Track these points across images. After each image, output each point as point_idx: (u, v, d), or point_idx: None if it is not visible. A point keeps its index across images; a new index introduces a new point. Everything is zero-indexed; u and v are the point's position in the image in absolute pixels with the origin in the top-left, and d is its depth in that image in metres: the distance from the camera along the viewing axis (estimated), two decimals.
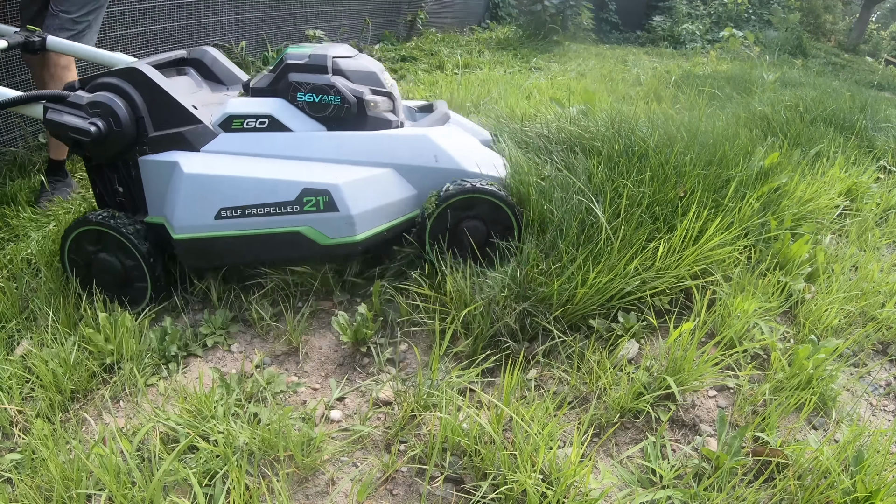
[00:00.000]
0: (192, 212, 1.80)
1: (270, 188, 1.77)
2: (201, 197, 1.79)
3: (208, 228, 1.81)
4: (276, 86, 1.93)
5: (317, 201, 1.78)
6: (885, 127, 4.20)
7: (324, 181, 1.77)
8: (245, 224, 1.80)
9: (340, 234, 1.81)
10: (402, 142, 1.94)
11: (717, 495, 1.29)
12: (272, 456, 1.37)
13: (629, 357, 1.73)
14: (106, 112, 1.79)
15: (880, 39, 12.82)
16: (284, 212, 1.79)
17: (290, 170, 1.81)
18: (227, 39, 4.52)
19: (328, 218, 1.79)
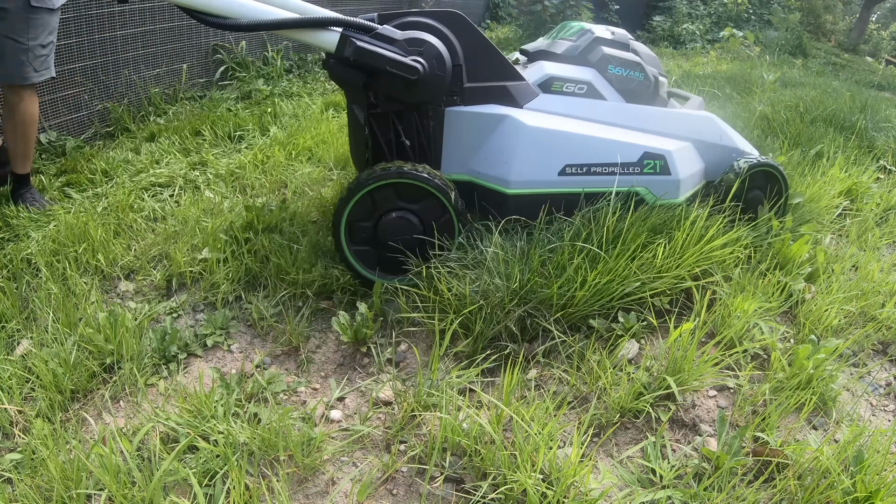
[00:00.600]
0: (532, 167, 1.87)
1: (614, 149, 1.93)
2: (545, 153, 1.87)
3: (550, 185, 1.89)
4: (587, 56, 2.09)
5: (654, 165, 1.97)
6: (885, 127, 4.20)
7: (660, 147, 1.98)
8: (588, 182, 1.92)
9: (667, 196, 2.02)
10: (697, 120, 2.21)
11: (717, 495, 1.29)
12: (272, 456, 1.36)
13: (629, 357, 1.73)
14: (430, 53, 1.75)
15: (880, 39, 12.82)
16: (626, 172, 1.95)
17: (625, 134, 1.99)
18: (227, 39, 4.52)
19: (661, 180, 2.00)
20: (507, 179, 1.85)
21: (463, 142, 1.90)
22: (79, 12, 3.21)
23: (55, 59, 3.27)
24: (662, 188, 2.01)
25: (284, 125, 3.60)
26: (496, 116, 1.87)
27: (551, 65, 2.04)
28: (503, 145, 1.85)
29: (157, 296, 2.00)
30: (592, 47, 2.08)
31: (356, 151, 2.18)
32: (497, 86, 1.89)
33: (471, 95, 1.88)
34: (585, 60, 2.08)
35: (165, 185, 2.74)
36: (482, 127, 1.87)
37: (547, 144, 1.87)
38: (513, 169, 1.84)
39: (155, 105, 3.80)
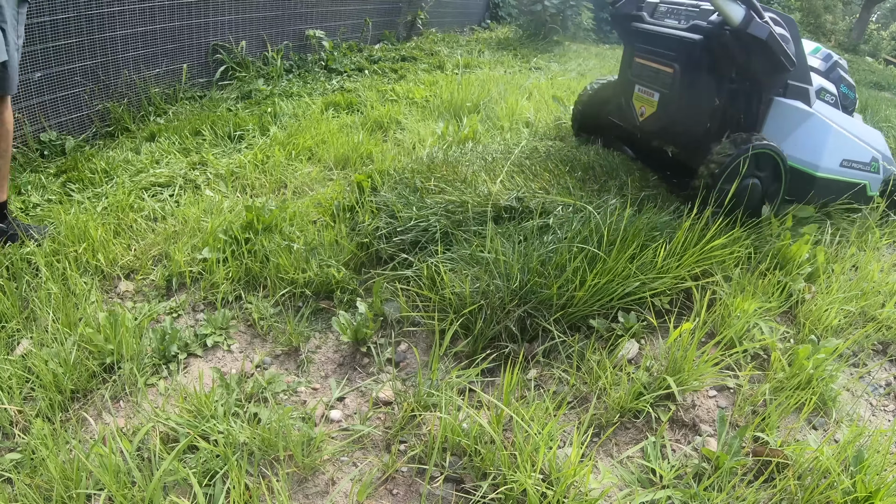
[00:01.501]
0: (830, 158, 2.43)
1: (862, 151, 2.53)
2: (837, 148, 2.44)
3: (834, 172, 2.47)
4: (830, 74, 2.60)
5: (875, 166, 2.59)
6: (884, 127, 4.20)
7: (875, 152, 2.60)
8: (849, 174, 2.51)
9: (875, 190, 2.67)
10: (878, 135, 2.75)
11: (717, 495, 1.29)
12: (272, 456, 1.36)
13: (629, 357, 1.73)
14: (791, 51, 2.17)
15: (880, 39, 12.81)
16: (865, 169, 2.56)
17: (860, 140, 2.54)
18: (227, 39, 4.52)
19: (875, 178, 2.63)
20: (818, 165, 2.40)
21: (779, 126, 2.40)
22: (79, 12, 3.21)
23: (56, 59, 3.27)
24: (875, 184, 2.64)
25: (284, 125, 3.60)
26: (808, 113, 2.39)
27: (821, 79, 2.54)
28: (812, 136, 2.39)
29: (157, 296, 2.00)
30: (834, 67, 2.62)
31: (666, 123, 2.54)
32: (803, 88, 2.40)
33: (790, 91, 2.39)
34: (830, 77, 2.60)
35: (165, 185, 2.74)
36: (796, 118, 2.38)
37: (838, 141, 2.44)
38: (823, 158, 2.40)
39: (155, 105, 3.80)
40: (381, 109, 3.87)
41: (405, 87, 4.59)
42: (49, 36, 3.08)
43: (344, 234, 2.21)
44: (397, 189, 2.34)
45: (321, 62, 5.47)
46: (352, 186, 2.57)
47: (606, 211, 2.04)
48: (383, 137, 3.50)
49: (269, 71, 4.79)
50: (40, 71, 3.09)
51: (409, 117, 3.82)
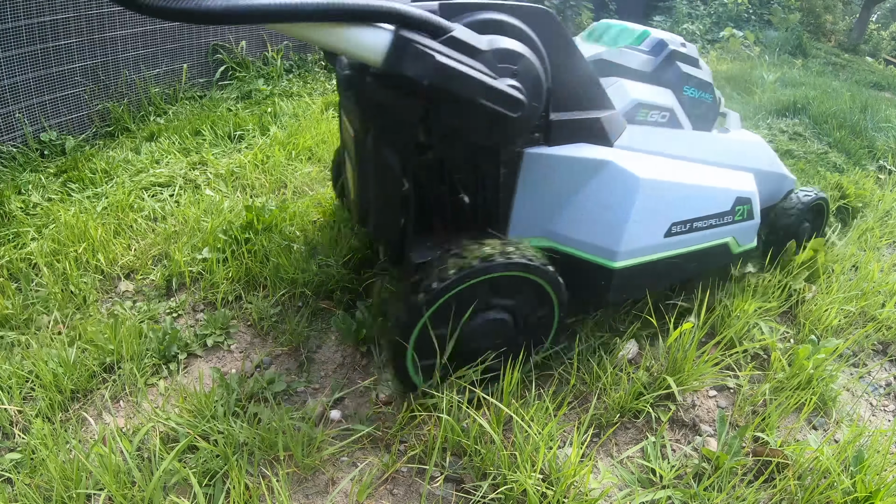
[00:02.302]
0: (643, 230, 1.45)
1: (712, 197, 1.60)
2: (655, 210, 1.46)
3: (656, 249, 1.51)
4: (663, 74, 1.67)
5: (743, 210, 1.70)
6: (885, 127, 4.20)
7: (747, 189, 1.69)
8: (689, 240, 1.58)
9: (746, 243, 1.77)
10: (752, 147, 1.96)
11: (717, 495, 1.29)
12: (272, 456, 1.36)
13: (629, 357, 1.73)
14: (526, 73, 1.18)
15: (880, 39, 12.82)
16: (721, 223, 1.65)
17: (715, 176, 1.65)
18: (227, 39, 4.52)
19: (746, 227, 1.73)
20: (615, 249, 1.41)
21: (544, 195, 1.41)
22: (79, 12, 3.21)
23: (56, 59, 3.27)
24: (747, 234, 1.77)
25: (284, 125, 3.59)
26: (594, 162, 1.39)
27: (635, 87, 1.60)
28: (606, 202, 1.40)
29: (157, 296, 2.00)
30: (670, 62, 1.69)
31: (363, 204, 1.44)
32: (589, 118, 1.39)
33: (557, 131, 1.36)
34: (660, 79, 1.69)
35: (165, 185, 2.74)
36: (574, 176, 1.39)
37: (658, 199, 1.47)
38: (625, 234, 1.41)
39: (155, 105, 3.80)
40: None
41: None
42: (49, 36, 3.08)
43: (344, 233, 2.20)
44: None
45: (321, 62, 5.47)
46: None
47: None
48: None
49: (269, 71, 4.79)
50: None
51: None
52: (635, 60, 1.68)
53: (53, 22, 3.08)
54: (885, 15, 15.36)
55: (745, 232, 1.75)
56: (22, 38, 2.96)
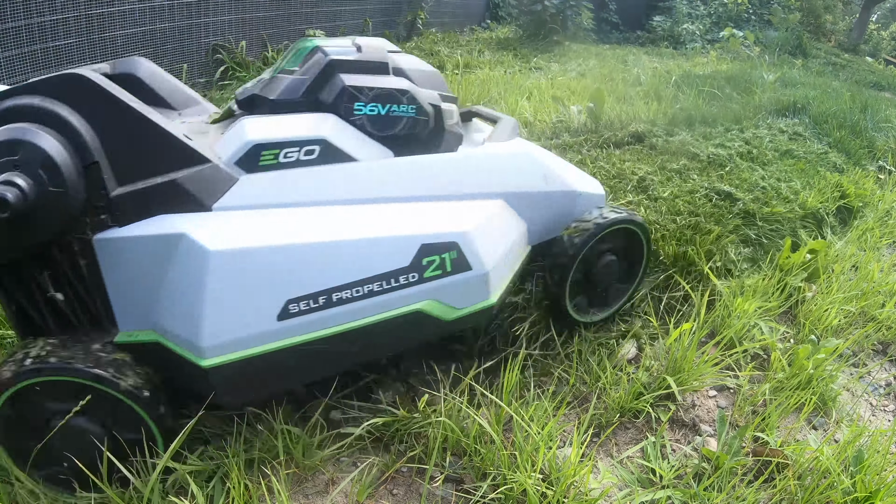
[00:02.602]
0: (237, 315, 1.12)
1: (371, 253, 1.20)
2: (251, 287, 1.13)
3: (269, 338, 1.15)
4: (319, 94, 1.32)
5: (441, 261, 1.25)
6: (885, 127, 4.20)
7: (447, 230, 1.27)
8: (332, 317, 1.18)
9: (473, 301, 1.33)
10: (507, 163, 1.51)
11: (717, 495, 1.29)
12: (272, 456, 1.36)
13: (629, 357, 1.73)
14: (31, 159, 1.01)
15: (880, 39, 12.82)
16: (395, 285, 1.22)
17: (385, 220, 1.25)
18: (227, 39, 4.52)
19: (458, 282, 1.29)
20: (198, 344, 1.10)
21: (134, 283, 1.15)
22: (79, 12, 3.21)
23: (56, 59, 3.26)
24: (463, 292, 1.31)
25: None
26: (164, 238, 1.11)
27: (255, 124, 1.25)
28: (185, 285, 1.11)
29: None
30: (326, 78, 1.32)
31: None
32: (164, 182, 1.13)
33: (126, 207, 1.12)
34: (318, 102, 1.32)
35: None
36: (152, 258, 1.12)
37: (252, 273, 1.12)
38: (203, 325, 1.09)
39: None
40: None
41: None
42: (49, 36, 3.08)
43: None
44: None
45: None
46: None
47: None
48: None
49: None
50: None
51: None
52: (280, 87, 1.32)
53: (53, 22, 3.08)
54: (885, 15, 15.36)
55: (461, 289, 1.29)
56: (22, 38, 2.96)
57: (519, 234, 1.50)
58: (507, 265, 1.43)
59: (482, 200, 1.41)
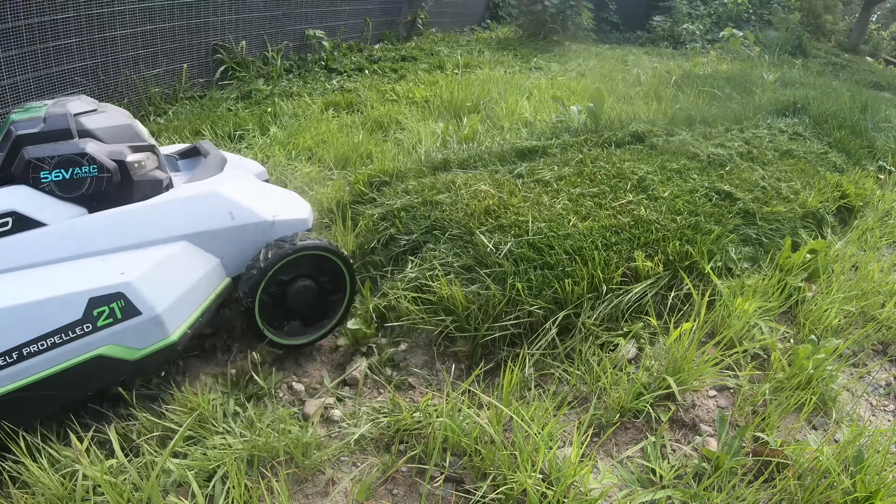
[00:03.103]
0: None
1: (48, 311, 1.32)
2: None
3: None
4: (9, 169, 1.44)
5: (112, 310, 1.37)
6: (885, 127, 4.20)
7: (111, 282, 1.38)
8: (26, 369, 1.31)
9: (151, 341, 1.43)
10: (188, 205, 1.61)
11: (717, 495, 1.29)
12: (272, 456, 1.36)
13: (629, 357, 1.73)
14: None
15: (880, 39, 12.82)
16: (72, 336, 1.34)
17: (62, 279, 1.38)
18: (227, 39, 4.52)
19: (132, 326, 1.40)
20: None
21: None
22: (79, 12, 3.21)
23: (56, 59, 3.26)
24: (139, 335, 1.42)
25: (284, 125, 3.59)
26: None
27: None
28: None
29: None
30: (15, 152, 1.44)
31: None
32: None
33: None
34: (10, 176, 1.45)
35: None
36: None
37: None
38: None
39: (155, 105, 3.80)
40: (381, 109, 3.87)
41: (405, 87, 4.59)
42: (49, 36, 3.08)
43: (345, 233, 2.20)
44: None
45: (321, 62, 5.47)
46: (352, 187, 2.57)
47: None
48: (383, 137, 3.50)
49: (269, 71, 4.79)
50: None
51: (409, 117, 3.81)
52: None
53: (53, 22, 3.08)
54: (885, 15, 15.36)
55: (136, 332, 1.41)
56: (22, 38, 2.96)
57: (207, 271, 1.61)
58: (189, 302, 1.52)
59: (161, 246, 1.53)
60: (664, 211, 2.26)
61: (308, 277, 1.73)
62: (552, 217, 2.15)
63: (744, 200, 2.43)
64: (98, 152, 1.47)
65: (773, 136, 3.49)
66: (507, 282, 1.79)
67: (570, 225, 2.09)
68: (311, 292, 1.74)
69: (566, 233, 2.02)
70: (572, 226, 2.09)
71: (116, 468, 1.26)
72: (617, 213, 2.21)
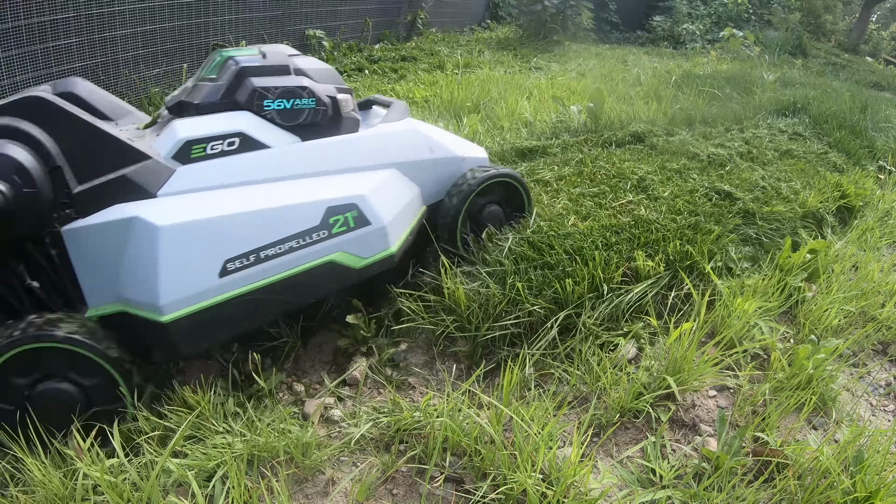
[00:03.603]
0: (183, 278, 1.37)
1: (287, 217, 1.48)
2: (193, 253, 1.38)
3: (213, 292, 1.40)
4: (233, 95, 1.58)
5: (345, 219, 1.56)
6: (885, 127, 4.20)
7: (347, 193, 1.58)
8: (262, 271, 1.45)
9: (375, 251, 1.63)
10: (395, 138, 1.84)
11: (717, 495, 1.29)
12: (272, 456, 1.36)
13: (629, 357, 1.73)
14: (6, 168, 1.24)
15: (880, 39, 12.82)
16: (309, 241, 1.51)
17: (299, 191, 1.54)
18: (227, 39, 4.52)
19: (361, 235, 1.58)
20: (157, 304, 1.34)
21: (99, 264, 1.39)
22: (79, 12, 3.21)
23: (56, 59, 3.26)
24: (367, 244, 1.61)
25: None
26: (120, 222, 1.35)
27: (185, 124, 1.52)
28: (137, 258, 1.36)
29: None
30: (239, 82, 1.59)
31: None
32: (114, 178, 1.39)
33: (86, 201, 1.38)
34: (234, 103, 1.59)
35: None
36: (111, 241, 1.36)
37: (195, 240, 1.39)
38: (159, 288, 1.33)
39: (155, 105, 3.80)
40: None
41: (405, 87, 4.59)
42: (49, 36, 3.08)
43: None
44: None
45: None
46: None
47: None
48: None
49: None
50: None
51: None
52: (202, 93, 1.59)
53: (53, 22, 3.08)
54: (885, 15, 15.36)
55: (364, 241, 1.60)
56: (22, 38, 2.96)
57: (412, 196, 1.83)
58: (403, 221, 1.73)
59: (377, 171, 1.73)
60: (664, 211, 2.26)
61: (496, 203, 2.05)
62: (552, 216, 2.15)
63: (744, 200, 2.43)
64: (315, 87, 1.66)
65: (773, 136, 3.49)
66: (507, 281, 1.79)
67: (570, 224, 2.09)
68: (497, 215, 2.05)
69: (566, 232, 2.02)
70: (572, 225, 2.09)
71: (117, 468, 1.26)
72: (617, 212, 2.21)
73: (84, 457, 1.26)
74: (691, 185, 2.53)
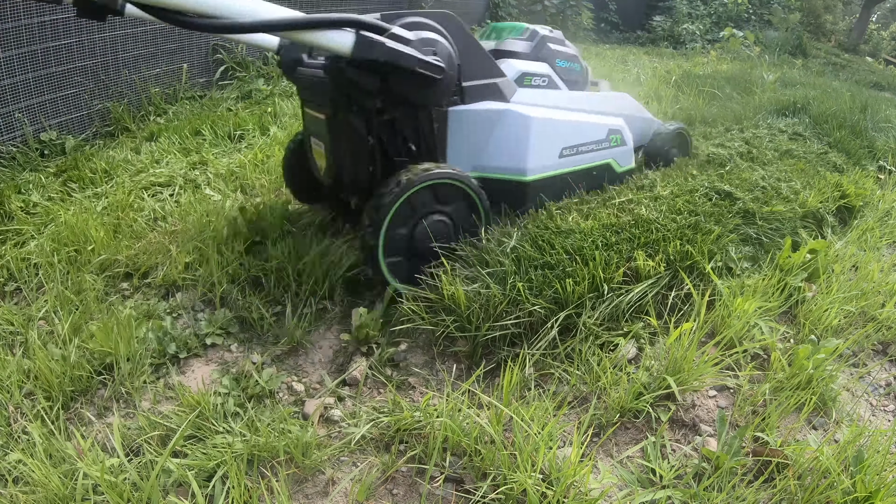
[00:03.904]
0: (541, 154, 2.13)
1: (589, 130, 2.29)
2: (548, 140, 2.14)
3: (554, 167, 2.19)
4: (539, 53, 2.34)
5: (616, 138, 2.39)
6: (884, 127, 4.20)
7: (616, 123, 2.39)
8: (578, 160, 2.27)
9: (626, 164, 2.49)
10: (624, 100, 2.71)
11: (717, 495, 1.29)
12: (272, 456, 1.36)
13: (629, 357, 1.73)
14: (443, 53, 1.79)
15: (880, 39, 12.82)
16: (600, 147, 2.35)
17: (590, 116, 2.33)
18: (226, 39, 4.52)
19: (621, 151, 2.44)
20: (524, 168, 2.07)
21: (468, 139, 2.01)
22: None
23: (55, 59, 3.26)
24: (623, 157, 2.47)
25: (284, 125, 3.59)
26: (499, 112, 2.03)
27: (520, 62, 2.25)
28: (514, 137, 2.04)
29: (157, 295, 1.99)
30: (543, 44, 2.35)
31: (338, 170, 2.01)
32: (489, 83, 2.04)
33: (469, 94, 1.98)
34: (539, 56, 2.34)
35: (165, 185, 2.74)
36: (486, 123, 2.02)
37: (550, 132, 2.14)
38: (529, 158, 2.06)
39: (155, 105, 3.80)
40: None
41: None
42: (49, 36, 3.08)
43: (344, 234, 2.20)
44: None
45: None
46: None
47: None
48: None
49: (269, 70, 4.79)
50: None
51: None
52: (518, 46, 2.35)
53: (53, 22, 3.08)
54: (885, 15, 15.36)
55: (623, 155, 2.46)
56: (22, 38, 2.96)
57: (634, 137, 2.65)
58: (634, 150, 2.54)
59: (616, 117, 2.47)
60: (664, 210, 2.26)
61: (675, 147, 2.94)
62: (552, 215, 2.14)
63: (744, 200, 2.42)
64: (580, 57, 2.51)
65: (773, 135, 3.49)
66: (507, 281, 1.79)
67: (571, 220, 2.08)
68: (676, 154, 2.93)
69: (569, 228, 2.02)
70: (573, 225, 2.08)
71: (117, 468, 1.26)
72: (617, 212, 2.21)
73: (84, 457, 1.27)
74: (691, 184, 2.53)
